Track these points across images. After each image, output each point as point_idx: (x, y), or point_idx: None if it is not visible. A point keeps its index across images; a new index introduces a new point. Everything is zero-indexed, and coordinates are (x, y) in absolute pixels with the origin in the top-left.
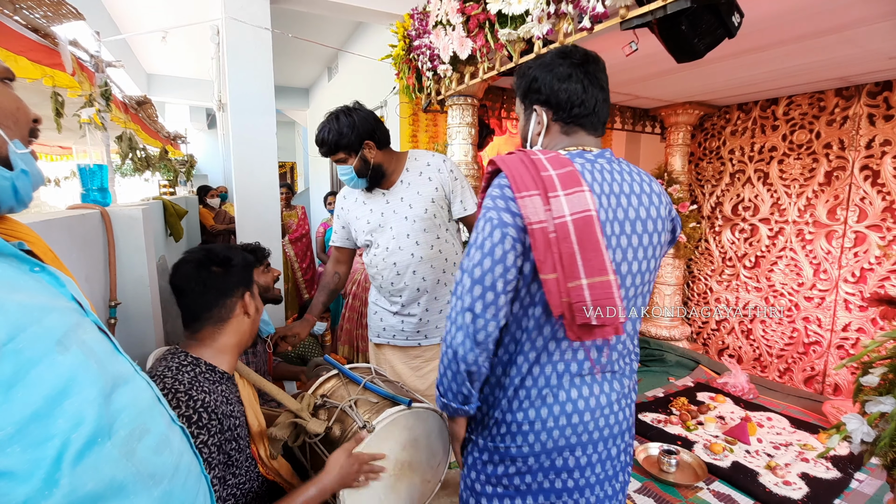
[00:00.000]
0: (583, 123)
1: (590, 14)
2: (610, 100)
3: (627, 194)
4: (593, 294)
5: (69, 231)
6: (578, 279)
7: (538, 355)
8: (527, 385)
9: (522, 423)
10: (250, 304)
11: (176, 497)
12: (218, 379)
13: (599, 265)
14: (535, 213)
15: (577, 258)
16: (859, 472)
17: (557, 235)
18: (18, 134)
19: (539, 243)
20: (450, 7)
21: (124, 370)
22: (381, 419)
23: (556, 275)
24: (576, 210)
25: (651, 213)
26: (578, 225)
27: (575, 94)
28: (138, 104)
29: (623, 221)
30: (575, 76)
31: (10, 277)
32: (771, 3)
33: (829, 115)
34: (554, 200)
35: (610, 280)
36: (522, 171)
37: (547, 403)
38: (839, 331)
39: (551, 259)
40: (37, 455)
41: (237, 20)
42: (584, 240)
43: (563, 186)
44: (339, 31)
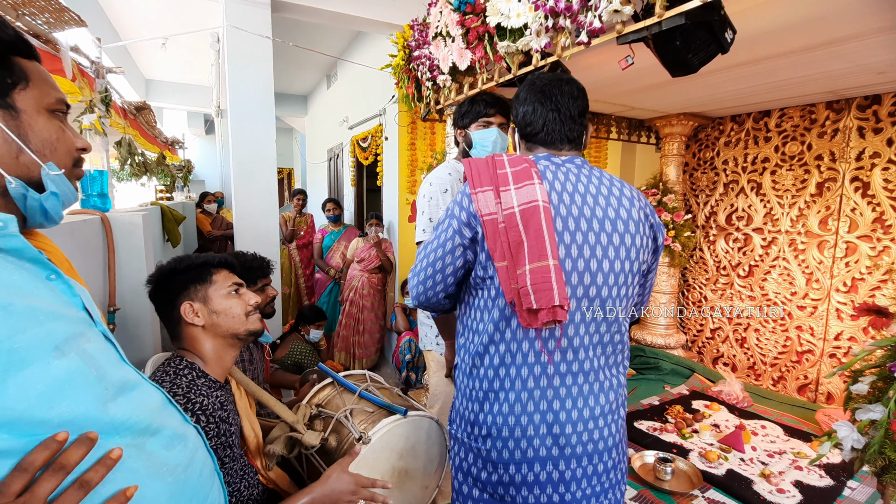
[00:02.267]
0: (537, 140)
1: (587, 29)
2: (576, 116)
3: (594, 195)
4: (533, 279)
5: (70, 236)
6: (524, 265)
7: (508, 352)
8: (496, 388)
9: (502, 427)
10: (188, 313)
11: (190, 486)
12: (212, 385)
13: (540, 251)
14: (486, 206)
15: (524, 246)
16: (852, 479)
17: (506, 225)
18: (56, 160)
19: (489, 232)
20: (449, 19)
21: (131, 377)
22: (376, 430)
23: (506, 262)
24: (524, 201)
25: (621, 214)
26: (525, 214)
27: (525, 115)
28: (137, 110)
29: (579, 218)
30: (528, 100)
31: (23, 282)
32: (763, 19)
33: (820, 128)
34: (504, 194)
35: (549, 265)
36: (481, 170)
37: (527, 412)
38: (831, 339)
39: (500, 247)
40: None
41: (238, 28)
42: (530, 228)
43: (515, 181)
44: (338, 39)
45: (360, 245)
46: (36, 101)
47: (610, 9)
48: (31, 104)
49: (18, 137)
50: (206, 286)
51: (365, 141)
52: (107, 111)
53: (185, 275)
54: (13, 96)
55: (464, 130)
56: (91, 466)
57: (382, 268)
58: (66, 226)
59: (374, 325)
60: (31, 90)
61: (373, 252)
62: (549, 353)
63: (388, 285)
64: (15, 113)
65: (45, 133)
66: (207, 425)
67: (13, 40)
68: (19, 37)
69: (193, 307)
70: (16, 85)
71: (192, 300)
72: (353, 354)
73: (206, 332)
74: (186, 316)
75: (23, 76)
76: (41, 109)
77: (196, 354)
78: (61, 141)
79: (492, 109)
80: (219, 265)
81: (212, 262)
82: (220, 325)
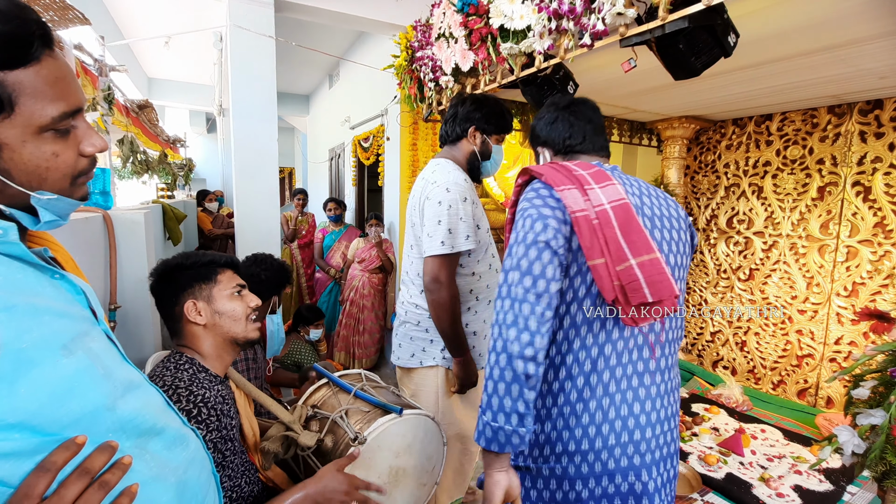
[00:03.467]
0: (580, 150)
1: (590, 31)
2: (603, 127)
3: (648, 195)
4: (644, 272)
5: (72, 234)
6: (627, 260)
7: (595, 360)
8: (585, 397)
9: (581, 441)
10: (191, 311)
11: (190, 488)
12: (213, 379)
13: (645, 245)
14: (575, 202)
15: (622, 241)
16: (851, 484)
17: (600, 221)
18: (49, 186)
19: (584, 230)
20: (452, 20)
21: (134, 377)
22: (372, 430)
23: (605, 259)
24: (612, 199)
25: (672, 213)
26: (617, 211)
27: (562, 130)
28: (139, 108)
29: (652, 217)
30: (560, 118)
31: (28, 282)
32: (765, 23)
33: (821, 132)
34: (590, 192)
35: (657, 257)
36: (556, 173)
37: (609, 419)
38: (832, 344)
39: (598, 244)
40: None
41: (241, 27)
42: (625, 224)
43: (595, 181)
44: (341, 39)
45: (361, 245)
46: (23, 128)
47: (613, 11)
48: (16, 133)
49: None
50: (211, 285)
51: (366, 141)
52: (109, 109)
53: (190, 272)
54: None
55: (483, 135)
56: (108, 469)
57: (383, 268)
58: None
59: (374, 326)
60: (17, 116)
61: (374, 252)
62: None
63: (389, 285)
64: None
65: (33, 163)
66: (209, 417)
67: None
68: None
69: (197, 306)
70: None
71: (195, 299)
72: (353, 354)
73: (207, 331)
74: (189, 314)
75: (6, 101)
76: (29, 135)
77: (196, 351)
78: (54, 165)
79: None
80: (225, 265)
81: (218, 261)
82: (221, 326)
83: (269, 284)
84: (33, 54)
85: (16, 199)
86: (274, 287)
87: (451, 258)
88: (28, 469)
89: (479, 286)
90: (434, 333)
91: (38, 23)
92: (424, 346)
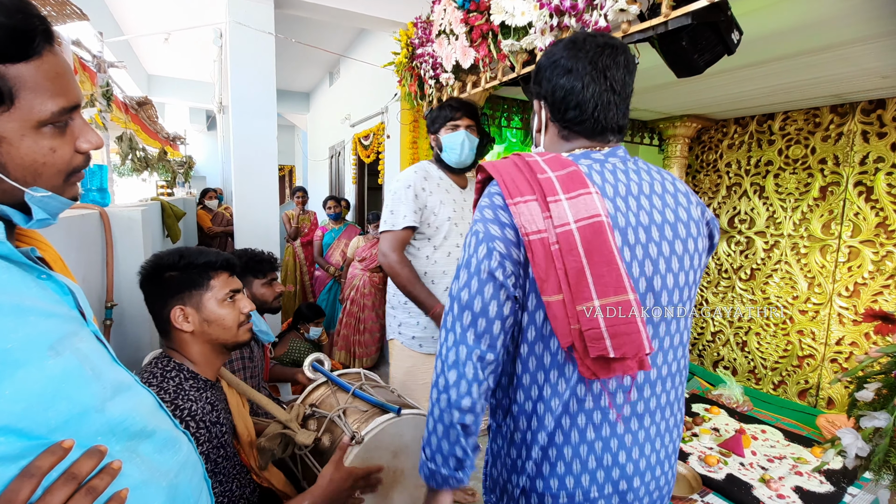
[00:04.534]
0: (580, 130)
1: (592, 28)
2: (629, 94)
3: (648, 195)
4: (608, 319)
5: (68, 231)
6: (589, 300)
7: (567, 402)
8: (557, 442)
9: (558, 493)
10: (178, 318)
11: (182, 492)
12: (202, 386)
13: (615, 282)
14: (531, 221)
15: (587, 274)
16: (852, 486)
17: (560, 247)
18: (43, 182)
19: (538, 258)
20: (453, 17)
21: (124, 378)
22: (369, 429)
23: (562, 296)
24: (582, 216)
25: (681, 214)
26: (586, 233)
27: (571, 93)
28: (139, 105)
29: (649, 226)
30: (576, 71)
31: (14, 282)
32: (768, 21)
33: (824, 131)
34: (554, 206)
35: (629, 300)
36: (515, 175)
37: (589, 469)
38: (833, 344)
39: (554, 276)
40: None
41: (241, 24)
42: (594, 251)
43: (564, 189)
44: (341, 36)
45: (362, 244)
46: (22, 122)
47: (616, 8)
48: (14, 127)
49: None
50: (202, 292)
51: (367, 139)
52: (108, 106)
53: (182, 276)
54: None
55: (435, 135)
56: (96, 474)
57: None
58: (63, 220)
59: (374, 325)
60: (17, 110)
61: (374, 251)
62: (618, 408)
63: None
64: None
65: (29, 158)
66: (198, 430)
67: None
68: (12, 35)
69: (185, 312)
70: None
71: (184, 305)
72: (354, 353)
73: (195, 337)
74: (176, 321)
75: (6, 95)
76: (28, 130)
77: (184, 356)
78: (51, 161)
79: (458, 113)
80: (220, 268)
81: (213, 263)
82: (209, 334)
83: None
84: (35, 49)
85: (7, 195)
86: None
87: (394, 234)
88: (12, 474)
89: (434, 270)
90: (396, 311)
91: (40, 18)
92: (390, 321)
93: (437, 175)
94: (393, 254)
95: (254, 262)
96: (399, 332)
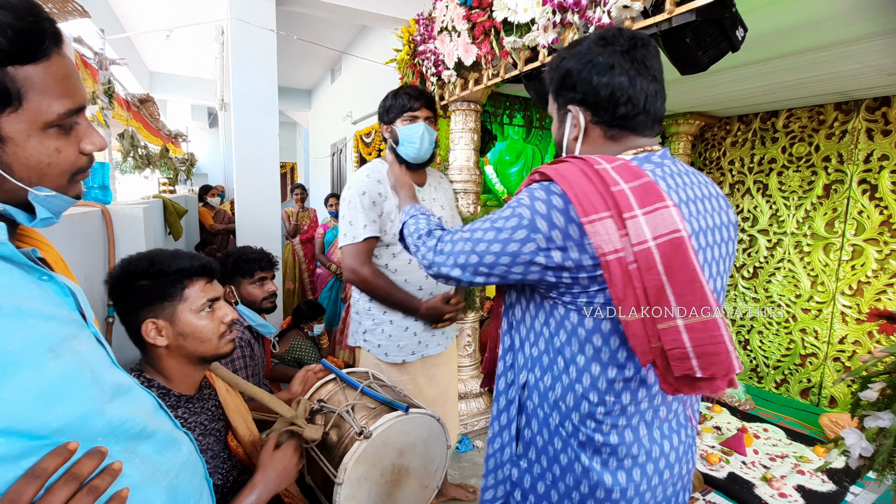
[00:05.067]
0: (633, 126)
1: (595, 25)
2: (664, 87)
3: (696, 199)
4: (694, 337)
5: (70, 229)
6: (672, 320)
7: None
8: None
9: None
10: (150, 332)
11: (182, 492)
12: (173, 404)
13: (700, 300)
14: (608, 241)
15: (668, 293)
16: (855, 485)
17: (639, 266)
18: (48, 182)
19: (616, 278)
20: (455, 14)
21: (123, 380)
22: (378, 425)
23: (641, 315)
24: (661, 232)
25: (722, 219)
26: (665, 251)
27: (619, 89)
28: (141, 102)
29: (700, 232)
30: (619, 66)
31: (15, 283)
32: (773, 18)
33: (828, 129)
34: (631, 223)
35: (717, 319)
36: (586, 187)
37: (639, 463)
38: (836, 343)
39: (633, 296)
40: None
41: (242, 21)
42: (675, 269)
43: (640, 203)
44: (343, 33)
45: None
46: (29, 123)
47: (619, 4)
48: (22, 127)
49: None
50: (176, 303)
51: (368, 136)
52: (110, 103)
53: (152, 286)
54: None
55: (389, 126)
56: (98, 474)
57: None
58: (65, 218)
59: None
60: (24, 111)
61: None
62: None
63: None
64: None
65: (35, 158)
66: None
67: (5, 48)
68: (22, 37)
69: (157, 325)
70: (3, 109)
71: (155, 317)
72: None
73: (171, 351)
74: (148, 336)
75: (15, 95)
76: (34, 130)
77: (157, 372)
78: (56, 161)
79: (417, 103)
80: (196, 274)
81: (187, 271)
82: (186, 347)
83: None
84: (44, 51)
85: (11, 194)
86: (228, 276)
87: (356, 247)
88: (13, 475)
89: (394, 279)
90: (360, 317)
91: (49, 20)
92: (355, 328)
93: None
94: (363, 268)
95: (240, 263)
96: (364, 340)
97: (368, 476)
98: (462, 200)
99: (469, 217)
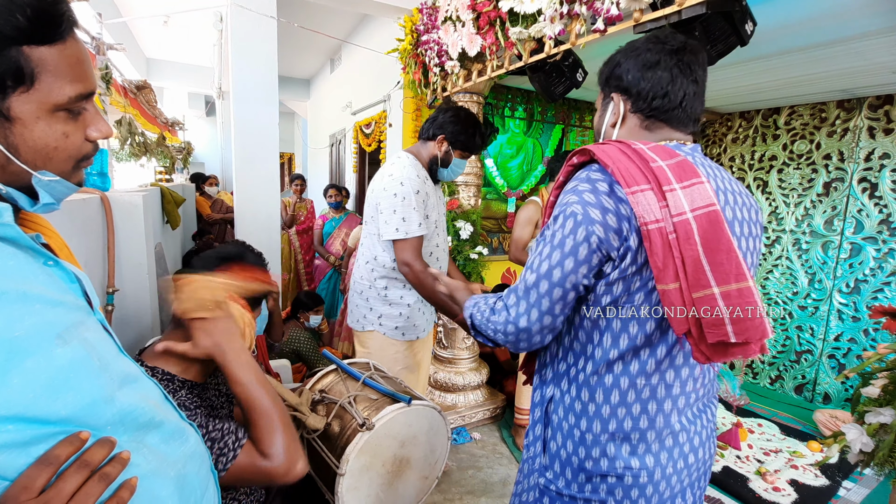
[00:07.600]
0: (667, 118)
1: (603, 16)
2: (704, 91)
3: (732, 192)
4: (730, 304)
5: (69, 216)
6: (708, 287)
7: (655, 387)
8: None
9: (639, 473)
10: None
11: (189, 482)
12: (177, 388)
13: (735, 269)
14: (649, 211)
15: (703, 262)
16: (847, 479)
17: (678, 236)
18: (53, 167)
19: (656, 247)
20: (460, 3)
21: (131, 370)
22: (380, 416)
23: (678, 284)
24: (698, 205)
25: (752, 215)
26: (702, 223)
27: (659, 83)
28: (138, 89)
29: (738, 223)
30: (663, 63)
31: (21, 268)
32: (780, 12)
33: (829, 127)
34: (670, 195)
35: (750, 286)
36: (627, 163)
37: (666, 447)
38: (831, 340)
39: (672, 265)
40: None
41: (242, 7)
42: (712, 239)
43: (677, 178)
44: (343, 22)
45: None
46: (39, 104)
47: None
48: (31, 108)
49: (6, 148)
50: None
51: (368, 127)
52: (107, 89)
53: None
54: (9, 101)
55: (449, 146)
56: (108, 462)
57: None
58: (64, 204)
59: None
60: (35, 91)
61: None
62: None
63: None
64: (7, 121)
65: (42, 141)
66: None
67: (24, 27)
68: (41, 17)
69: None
70: (15, 88)
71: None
72: None
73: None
74: None
75: (28, 75)
76: (44, 112)
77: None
78: (62, 146)
79: (479, 149)
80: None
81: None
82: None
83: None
84: (61, 33)
85: (15, 177)
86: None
87: (410, 242)
88: (23, 461)
89: None
90: (372, 302)
91: (67, 3)
92: (365, 312)
93: (425, 175)
94: (417, 262)
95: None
96: (380, 324)
97: (370, 467)
98: (463, 193)
99: (470, 209)
